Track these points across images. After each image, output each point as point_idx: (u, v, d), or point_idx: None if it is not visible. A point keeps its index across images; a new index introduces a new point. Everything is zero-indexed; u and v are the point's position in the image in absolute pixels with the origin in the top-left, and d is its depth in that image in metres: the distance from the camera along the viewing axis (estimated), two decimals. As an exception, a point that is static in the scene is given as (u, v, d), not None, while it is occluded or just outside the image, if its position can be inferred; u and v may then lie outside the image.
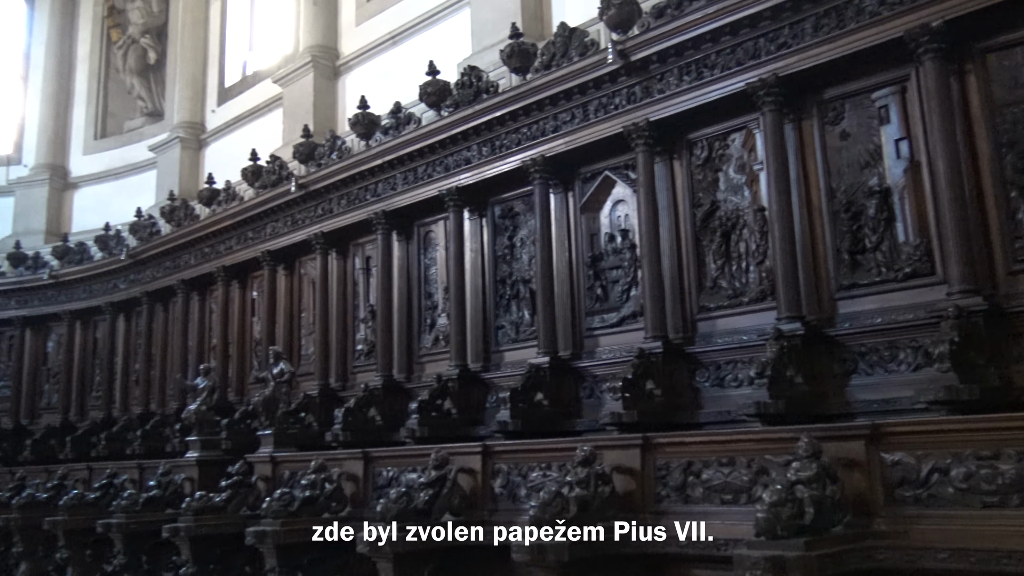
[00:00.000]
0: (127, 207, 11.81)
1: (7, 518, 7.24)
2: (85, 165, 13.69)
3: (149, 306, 10.67)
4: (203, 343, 9.89)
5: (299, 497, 5.00)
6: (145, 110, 13.44)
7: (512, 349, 6.70)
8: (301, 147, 8.54)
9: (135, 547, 6.04)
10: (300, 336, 8.75)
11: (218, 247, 9.65)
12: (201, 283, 9.99)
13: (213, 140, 12.04)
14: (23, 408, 11.90)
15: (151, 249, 10.44)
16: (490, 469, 4.58)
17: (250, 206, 9.04)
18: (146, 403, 10.40)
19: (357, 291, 8.22)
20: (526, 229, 6.73)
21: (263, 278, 9.10)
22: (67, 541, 6.59)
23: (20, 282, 12.01)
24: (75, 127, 13.86)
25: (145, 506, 6.14)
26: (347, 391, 7.96)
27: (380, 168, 7.61)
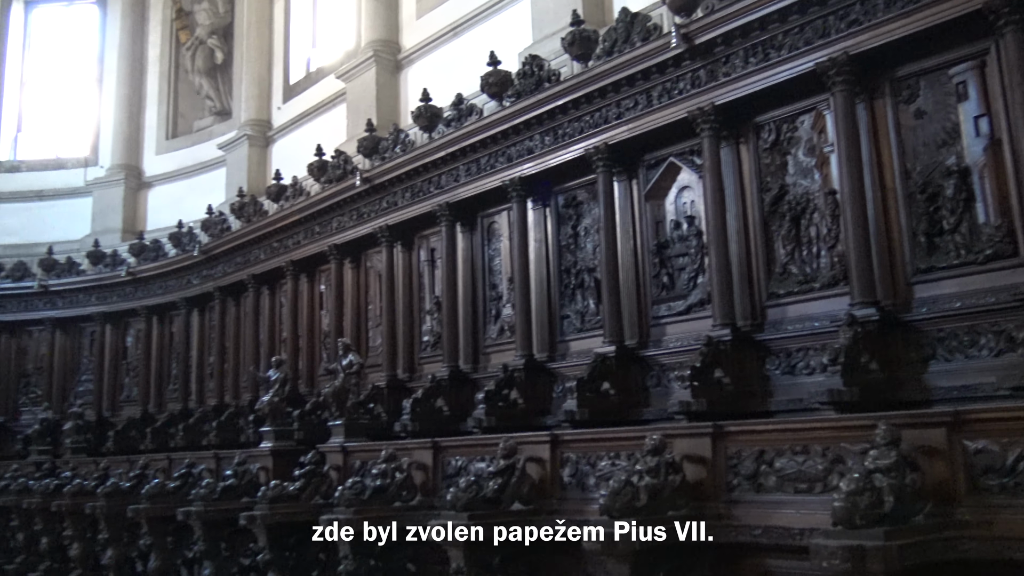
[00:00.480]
0: (199, 204, 12.13)
1: (93, 506, 7.52)
2: (158, 165, 14.10)
3: (221, 301, 10.95)
4: (274, 336, 10.11)
5: (370, 486, 5.08)
6: (213, 109, 13.76)
7: (578, 339, 6.68)
8: (365, 141, 8.65)
9: (214, 534, 6.22)
10: (367, 328, 8.87)
11: (286, 242, 9.84)
12: (271, 277, 10.20)
13: (279, 137, 12.26)
14: (105, 401, 12.35)
15: (222, 245, 10.70)
16: (558, 458, 4.58)
17: (316, 201, 9.19)
18: (220, 395, 10.68)
19: (422, 283, 8.29)
20: (590, 218, 6.70)
21: (330, 272, 9.25)
22: (150, 528, 6.82)
23: (100, 279, 12.44)
24: (147, 128, 14.28)
25: (223, 495, 6.32)
26: (414, 382, 8.05)
27: (443, 160, 7.65)
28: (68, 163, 14.92)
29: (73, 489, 8.23)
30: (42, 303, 12.93)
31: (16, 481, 9.94)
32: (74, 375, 12.84)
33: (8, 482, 10.10)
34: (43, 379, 12.96)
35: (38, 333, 13.13)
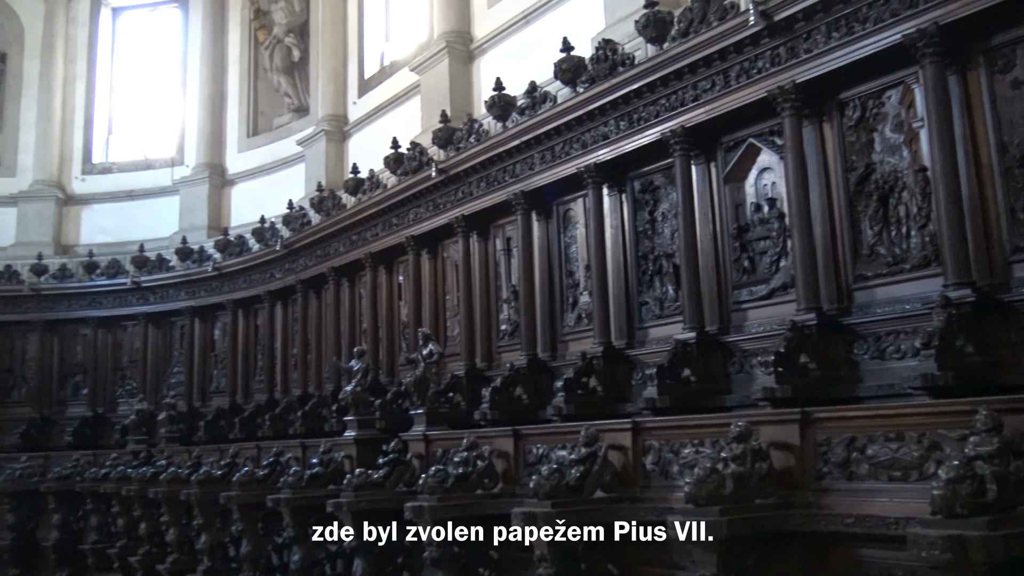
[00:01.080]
0: (280, 200, 12.42)
1: (188, 493, 7.80)
2: (240, 162, 14.48)
3: (303, 293, 11.20)
4: (354, 327, 10.30)
5: (453, 474, 5.13)
6: (292, 106, 14.05)
7: (657, 325, 6.61)
8: (439, 132, 8.70)
9: (302, 520, 6.38)
10: (445, 318, 8.95)
11: (365, 234, 9.99)
12: (350, 269, 10.38)
13: (356, 131, 12.45)
14: (195, 392, 12.79)
15: (303, 239, 10.93)
16: (641, 446, 4.54)
17: (393, 193, 9.30)
18: (304, 385, 10.94)
19: (499, 272, 8.32)
20: (667, 203, 6.61)
21: (408, 263, 9.36)
22: (241, 514, 7.04)
23: (188, 275, 12.87)
24: (229, 127, 14.68)
25: (309, 482, 6.48)
26: (492, 371, 8.09)
27: (517, 149, 7.64)
28: (156, 163, 15.46)
29: (168, 477, 8.55)
30: (135, 299, 13.46)
31: (116, 469, 10.38)
32: (166, 367, 13.33)
33: (108, 470, 10.55)
34: (137, 372, 13.50)
35: (132, 328, 13.68)
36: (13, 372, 13.94)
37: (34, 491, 11.85)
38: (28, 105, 15.75)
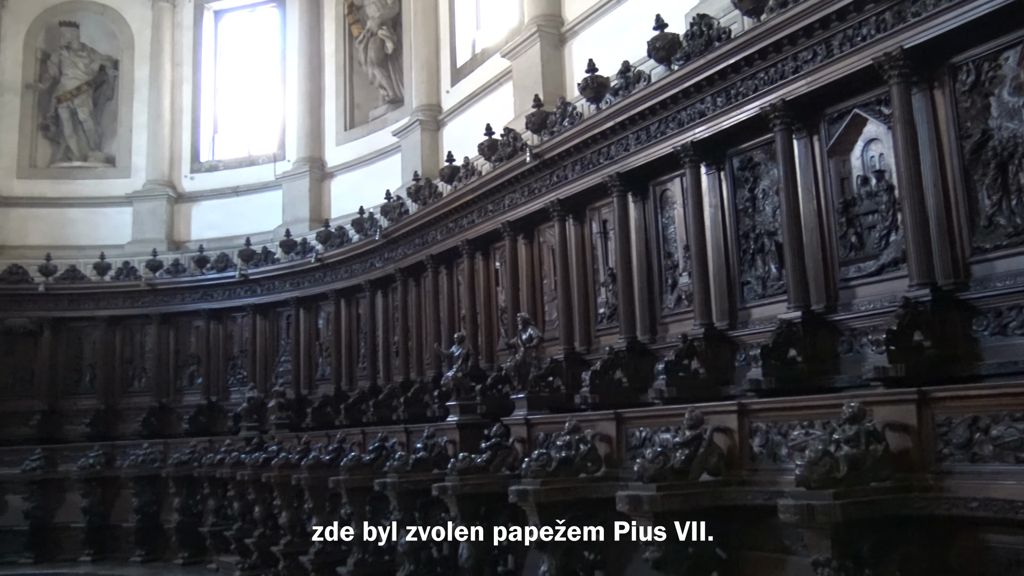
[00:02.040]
0: (377, 190, 12.67)
1: (298, 477, 8.07)
2: (338, 155, 14.83)
3: (403, 281, 11.40)
4: (453, 314, 10.42)
5: (556, 457, 5.14)
6: (386, 98, 14.29)
7: (759, 305, 6.46)
8: (533, 117, 8.70)
9: (408, 503, 6.52)
10: (543, 302, 8.97)
11: (461, 221, 10.09)
12: (448, 257, 10.51)
13: (449, 120, 12.56)
14: (302, 379, 13.20)
15: (401, 228, 11.12)
16: (747, 428, 4.45)
17: (488, 180, 9.35)
18: (406, 372, 11.14)
19: (596, 255, 8.27)
20: (768, 179, 6.43)
21: (504, 248, 9.41)
22: (349, 498, 7.25)
23: (292, 266, 13.29)
24: (327, 121, 15.04)
25: (414, 466, 6.60)
26: (591, 354, 8.06)
27: (612, 130, 7.57)
28: (259, 159, 15.98)
29: (280, 462, 8.87)
30: (243, 291, 13.98)
31: (230, 455, 10.84)
32: (274, 356, 13.81)
33: (223, 456, 11.03)
34: (247, 361, 14.03)
35: (241, 319, 14.22)
36: (134, 363, 14.72)
37: (156, 476, 12.52)
38: (139, 108, 16.51)
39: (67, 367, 14.63)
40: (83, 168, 16.48)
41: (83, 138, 16.62)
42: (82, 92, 16.65)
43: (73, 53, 16.77)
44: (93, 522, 12.76)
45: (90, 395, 14.51)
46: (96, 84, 16.78)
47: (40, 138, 16.53)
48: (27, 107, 16.45)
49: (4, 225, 15.94)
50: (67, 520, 12.91)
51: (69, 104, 16.59)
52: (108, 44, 16.93)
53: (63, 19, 16.84)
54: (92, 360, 14.63)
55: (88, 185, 16.37)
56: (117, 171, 16.46)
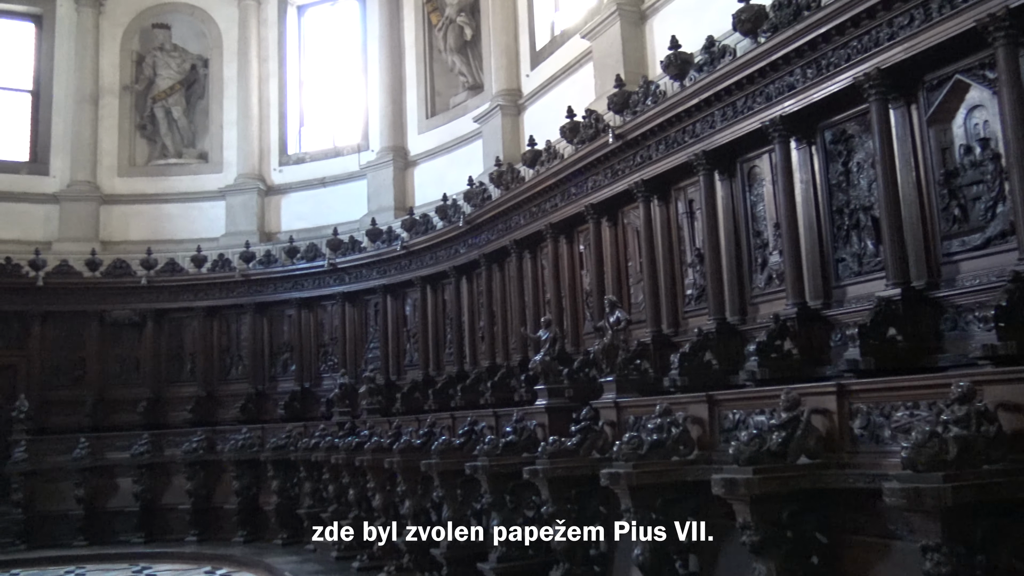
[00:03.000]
0: (460, 177, 12.75)
1: (391, 461, 8.22)
2: (420, 143, 14.97)
3: (487, 267, 11.47)
4: (538, 298, 10.44)
5: (647, 440, 5.10)
6: (466, 84, 14.33)
7: (855, 283, 6.26)
8: (615, 97, 8.60)
9: (499, 486, 6.57)
10: (629, 284, 8.89)
11: (544, 205, 10.07)
12: (531, 241, 10.51)
13: (530, 104, 12.53)
14: (391, 365, 13.45)
15: (484, 214, 11.17)
16: (847, 409, 4.31)
17: (570, 162, 9.30)
18: (492, 356, 11.22)
19: (682, 236, 8.15)
20: (863, 152, 6.21)
21: (588, 231, 9.36)
22: (441, 481, 7.34)
23: (379, 255, 13.51)
24: (409, 109, 15.19)
25: (504, 450, 6.65)
26: (679, 336, 7.97)
27: (696, 107, 7.43)
28: (344, 150, 16.27)
29: (372, 446, 9.04)
30: (332, 279, 14.31)
31: (324, 439, 11.12)
32: (363, 343, 14.10)
33: (318, 440, 11.32)
34: (338, 348, 14.37)
35: (331, 307, 14.57)
36: (231, 352, 15.26)
37: (255, 460, 12.96)
38: (229, 105, 17.01)
39: (169, 356, 15.28)
40: (178, 165, 17.10)
41: (177, 136, 17.23)
42: (175, 91, 17.25)
43: (166, 54, 17.38)
44: (197, 504, 13.31)
45: (191, 383, 15.12)
46: (188, 83, 17.36)
47: (138, 137, 17.22)
48: (125, 108, 17.14)
49: (107, 222, 16.68)
50: (174, 502, 13.50)
51: (164, 103, 17.22)
52: (198, 44, 17.48)
53: (156, 21, 17.46)
54: (192, 349, 15.24)
55: (183, 181, 16.97)
56: (210, 166, 17.02)
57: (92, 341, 15.08)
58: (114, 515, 13.51)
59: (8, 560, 12.21)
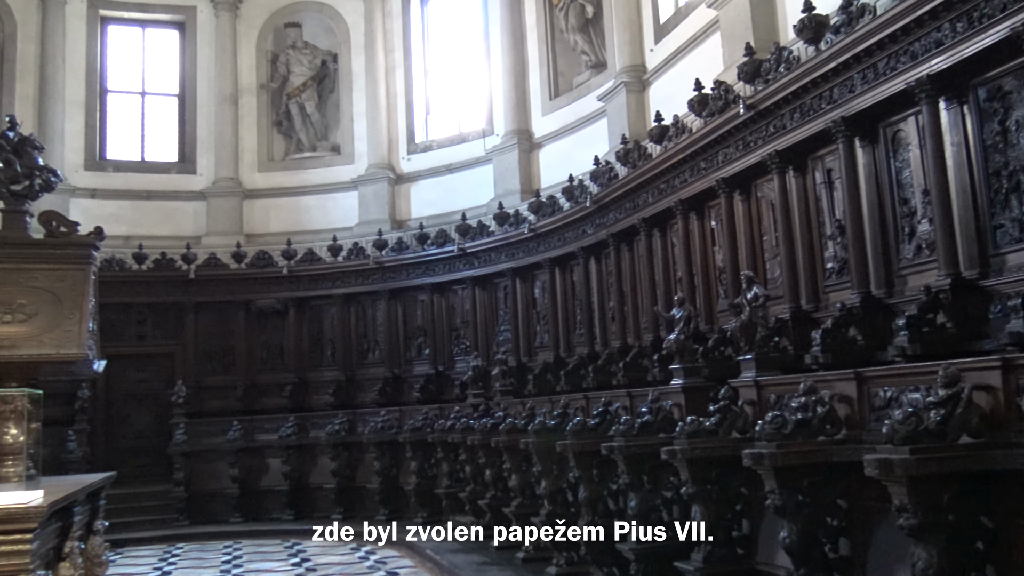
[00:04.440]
0: (585, 157, 12.67)
1: (526, 442, 8.30)
2: (544, 125, 14.95)
3: (615, 247, 11.37)
4: (668, 276, 10.27)
5: (791, 420, 4.92)
6: (589, 63, 14.20)
7: (1017, 250, 5.82)
8: (745, 66, 8.32)
9: (635, 467, 6.50)
10: (764, 260, 8.62)
11: (673, 182, 9.88)
12: (660, 219, 10.34)
13: (655, 79, 12.28)
14: (522, 347, 13.57)
15: (611, 193, 11.07)
16: (1013, 385, 4.01)
17: (699, 136, 9.08)
18: (623, 337, 11.14)
19: (820, 207, 7.82)
20: (1022, 109, 5.75)
21: (720, 206, 9.12)
22: (576, 462, 7.34)
23: (506, 238, 13.63)
24: (532, 92, 15.18)
25: (640, 430, 6.58)
26: (820, 312, 7.67)
27: (834, 72, 7.09)
28: (469, 136, 16.46)
29: (507, 427, 9.16)
30: (462, 264, 14.56)
31: (459, 421, 11.36)
32: (494, 326, 14.29)
33: (453, 422, 11.57)
34: (469, 331, 14.63)
35: (461, 291, 14.84)
36: (367, 337, 15.81)
37: (393, 441, 13.38)
38: (358, 98, 17.51)
39: (311, 342, 15.99)
40: (313, 158, 17.76)
41: (311, 130, 17.90)
42: (308, 87, 17.90)
43: (298, 51, 18.06)
44: (341, 483, 13.89)
45: (332, 367, 15.77)
46: (319, 78, 17.98)
47: (275, 133, 17.98)
48: (262, 106, 17.94)
49: (250, 215, 17.54)
50: (320, 481, 14.14)
51: (297, 99, 17.90)
52: (327, 39, 18.06)
53: (288, 21, 18.15)
54: (331, 335, 15.89)
55: (318, 173, 17.62)
56: (342, 158, 17.59)
57: (240, 329, 15.96)
58: (265, 493, 14.29)
59: (173, 535, 13.13)
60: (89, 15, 17.39)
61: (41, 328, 5.37)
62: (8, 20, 16.52)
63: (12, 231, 5.74)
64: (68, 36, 16.97)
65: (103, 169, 17.21)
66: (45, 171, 5.95)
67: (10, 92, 16.28)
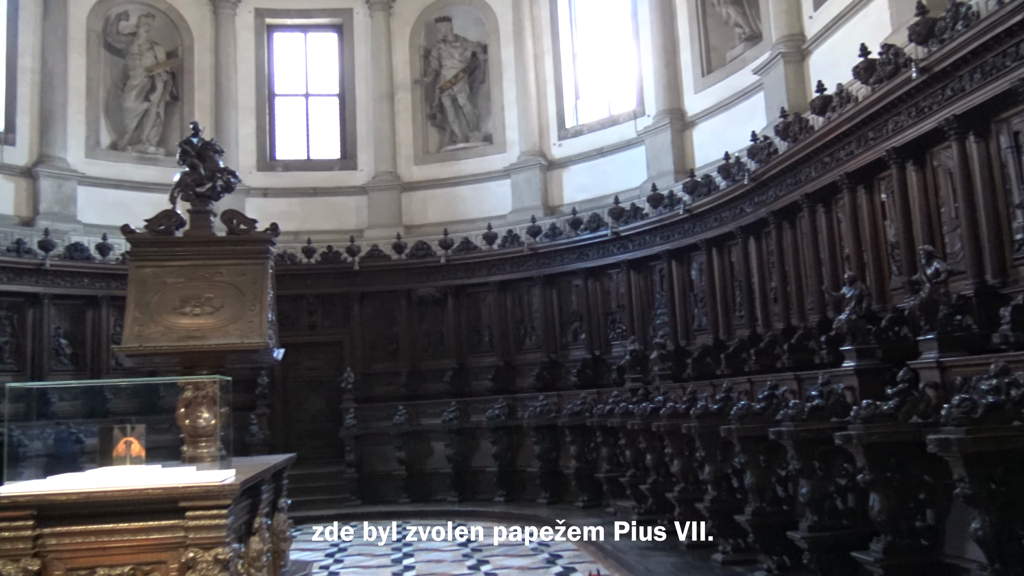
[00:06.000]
0: (740, 134, 12.26)
1: (688, 426, 8.15)
2: (697, 103, 14.58)
3: (776, 225, 10.97)
4: (835, 254, 9.81)
5: (981, 403, 4.57)
6: (743, 36, 13.70)
7: None
8: (916, 27, 7.78)
9: (806, 453, 6.25)
10: (942, 233, 8.07)
11: (837, 154, 9.41)
12: (824, 194, 9.88)
13: (814, 47, 11.70)
14: (679, 331, 13.35)
15: (770, 169, 10.67)
16: None
17: (866, 105, 8.58)
18: (787, 318, 10.74)
19: (1006, 174, 7.24)
20: None
21: (891, 178, 8.62)
22: (742, 447, 7.14)
23: (661, 220, 13.43)
24: (684, 69, 14.82)
25: (810, 415, 6.31)
26: (1008, 287, 7.11)
27: (1020, 25, 6.51)
28: (620, 118, 16.29)
29: (668, 412, 9.02)
30: (615, 248, 14.47)
31: (618, 405, 11.30)
32: (650, 309, 14.12)
33: (612, 406, 11.52)
34: (625, 315, 14.53)
35: (616, 275, 14.76)
36: (523, 323, 16.02)
37: (552, 425, 13.50)
38: (508, 87, 17.70)
39: (469, 329, 16.39)
40: (466, 149, 18.13)
41: (463, 121, 18.26)
42: (459, 79, 18.26)
43: (449, 45, 18.45)
44: (503, 467, 14.16)
45: (490, 353, 16.10)
46: (470, 70, 18.30)
47: (429, 127, 18.48)
48: (416, 100, 18.47)
49: (408, 207, 18.13)
50: (481, 465, 14.48)
51: (450, 92, 18.30)
52: (476, 31, 18.34)
53: (438, 15, 18.58)
54: (488, 322, 16.23)
55: (471, 163, 17.97)
56: (494, 147, 17.85)
57: (402, 318, 16.57)
58: (430, 475, 14.78)
59: (348, 513, 13.81)
60: (257, 25, 18.46)
61: (227, 319, 5.77)
62: (186, 34, 17.78)
63: (199, 230, 6.18)
64: (239, 46, 18.08)
65: (273, 169, 18.26)
66: (225, 173, 6.37)
67: (190, 102, 17.53)
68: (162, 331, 5.59)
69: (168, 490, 3.74)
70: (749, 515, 7.05)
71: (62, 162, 15.89)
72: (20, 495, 3.65)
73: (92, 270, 14.79)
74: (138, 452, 4.17)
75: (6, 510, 3.61)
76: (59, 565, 3.68)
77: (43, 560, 3.65)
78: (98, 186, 16.30)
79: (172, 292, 5.76)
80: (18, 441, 11.36)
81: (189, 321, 5.64)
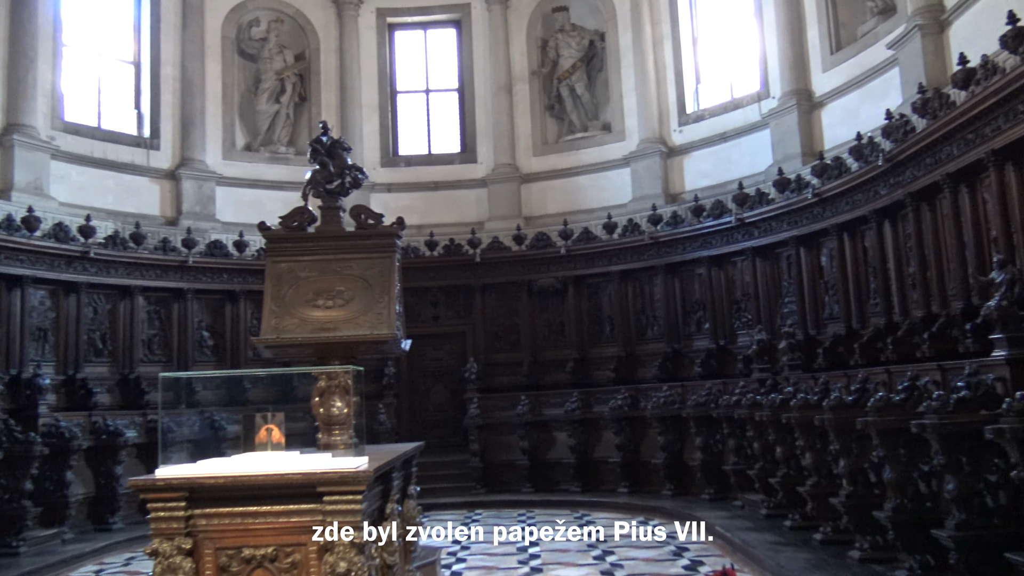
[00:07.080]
0: (873, 112, 11.70)
1: (821, 418, 7.85)
2: (825, 82, 13.98)
3: (913, 207, 10.41)
4: (980, 237, 9.23)
5: None
6: (875, 9, 13.04)
7: None
8: (1074, -11, 7.20)
9: (952, 447, 5.91)
10: (1105, 212, 7.45)
11: (983, 131, 8.83)
12: (968, 173, 9.30)
13: (955, 18, 11.01)
14: (808, 319, 12.87)
15: (907, 149, 10.13)
16: None
17: (1016, 75, 7.99)
18: (927, 305, 10.18)
19: None
20: None
21: (1044, 153, 8.01)
22: (880, 440, 6.82)
23: (788, 205, 12.97)
24: (811, 48, 14.23)
25: (957, 407, 5.96)
26: None
27: None
28: (743, 102, 15.82)
29: (799, 403, 8.73)
30: (740, 235, 14.08)
31: (745, 396, 11.02)
32: (778, 298, 13.68)
33: (738, 397, 11.26)
34: (751, 304, 14.13)
35: (740, 263, 14.37)
36: (645, 313, 15.84)
37: (677, 416, 13.31)
38: (627, 74, 17.49)
39: (590, 319, 16.35)
40: (584, 138, 18.04)
41: (581, 111, 18.17)
42: (577, 69, 18.18)
43: (565, 35, 18.38)
44: (626, 458, 14.05)
45: (611, 343, 16.00)
46: (587, 59, 18.19)
47: (547, 117, 18.49)
48: (534, 92, 18.51)
49: (527, 199, 18.22)
50: (604, 455, 14.42)
51: (567, 82, 18.25)
52: (594, 19, 18.20)
53: (555, 5, 18.54)
54: (610, 312, 16.13)
55: (590, 153, 17.87)
56: (613, 136, 17.69)
57: (523, 308, 16.68)
58: (553, 465, 14.83)
59: (472, 501, 14.06)
60: (378, 24, 18.93)
61: (357, 311, 5.95)
62: (312, 37, 18.42)
63: (329, 225, 6.39)
64: (362, 46, 18.60)
65: (396, 165, 18.71)
66: (353, 170, 6.56)
67: (317, 102, 18.17)
68: (297, 323, 5.82)
69: (307, 475, 3.88)
70: (889, 511, 6.74)
71: (202, 164, 16.79)
72: (174, 478, 3.87)
73: (230, 266, 15.57)
74: (278, 439, 4.34)
75: (162, 491, 3.84)
76: (209, 544, 3.89)
77: (195, 539, 3.85)
78: (234, 186, 17.14)
79: (306, 285, 5.98)
80: (167, 427, 12.08)
81: (322, 313, 5.84)
